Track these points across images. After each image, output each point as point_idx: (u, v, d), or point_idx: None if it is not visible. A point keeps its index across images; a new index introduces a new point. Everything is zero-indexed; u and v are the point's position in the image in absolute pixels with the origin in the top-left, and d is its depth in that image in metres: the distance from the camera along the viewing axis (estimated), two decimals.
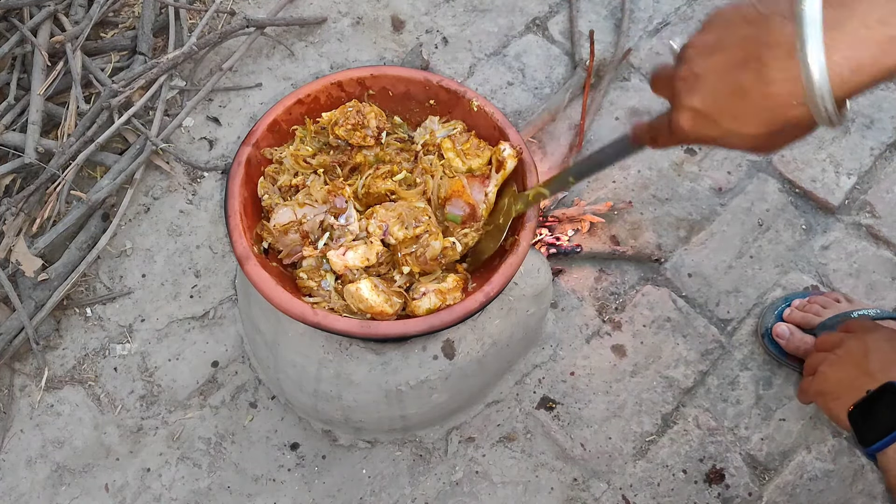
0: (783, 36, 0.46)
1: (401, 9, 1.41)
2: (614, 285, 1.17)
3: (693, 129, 0.53)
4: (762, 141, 0.51)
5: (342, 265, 0.79)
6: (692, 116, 0.53)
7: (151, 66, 1.21)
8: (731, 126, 0.50)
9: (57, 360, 1.10)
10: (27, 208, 1.12)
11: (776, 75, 0.46)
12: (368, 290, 0.78)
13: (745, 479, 1.04)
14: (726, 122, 0.50)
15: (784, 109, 0.47)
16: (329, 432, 1.05)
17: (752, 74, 0.48)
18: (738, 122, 0.50)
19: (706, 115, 0.51)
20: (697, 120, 0.52)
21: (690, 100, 0.52)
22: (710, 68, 0.50)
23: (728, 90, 0.49)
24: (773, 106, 0.48)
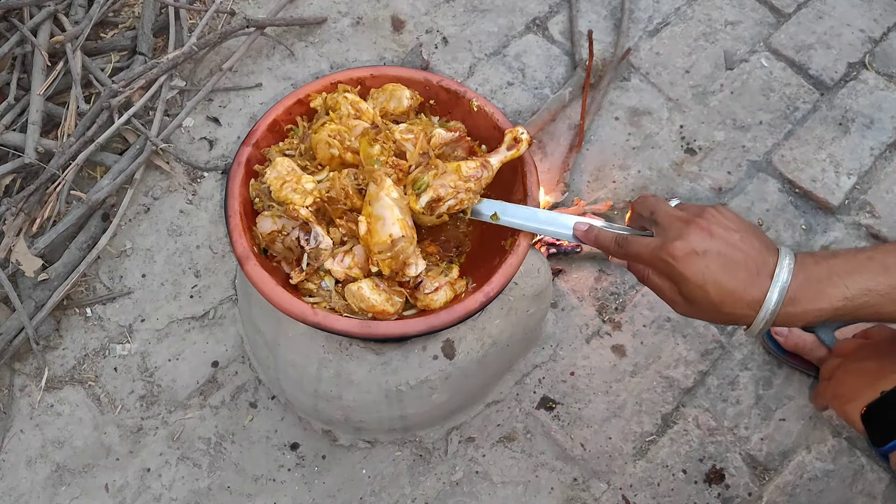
0: (772, 265, 0.63)
1: (401, 9, 1.41)
2: (614, 285, 1.17)
3: (683, 260, 0.64)
4: (703, 306, 0.64)
5: (343, 272, 0.80)
6: (690, 253, 0.64)
7: (151, 66, 1.21)
8: (706, 280, 0.63)
9: (57, 360, 1.10)
10: (27, 208, 1.12)
11: (757, 283, 0.62)
12: (370, 290, 0.78)
13: (745, 479, 1.04)
14: (708, 276, 0.63)
15: (744, 304, 0.62)
16: (329, 432, 1.05)
17: (747, 273, 0.63)
18: (712, 284, 0.63)
19: (701, 261, 0.63)
20: (692, 258, 0.63)
21: (699, 244, 0.64)
22: (724, 237, 0.64)
23: (727, 261, 0.63)
24: (743, 296, 0.62)
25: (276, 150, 0.87)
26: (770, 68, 1.36)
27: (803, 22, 1.41)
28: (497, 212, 0.81)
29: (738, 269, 0.63)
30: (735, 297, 0.62)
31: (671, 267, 0.64)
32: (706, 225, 0.65)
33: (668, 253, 0.65)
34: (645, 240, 0.68)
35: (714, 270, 0.63)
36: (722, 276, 0.63)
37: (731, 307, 0.63)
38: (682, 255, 0.64)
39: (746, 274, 0.63)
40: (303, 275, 0.81)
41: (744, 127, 1.31)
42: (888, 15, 1.42)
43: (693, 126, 1.31)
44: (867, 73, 1.36)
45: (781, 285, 0.62)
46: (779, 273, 0.62)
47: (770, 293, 0.62)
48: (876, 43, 1.39)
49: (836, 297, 0.61)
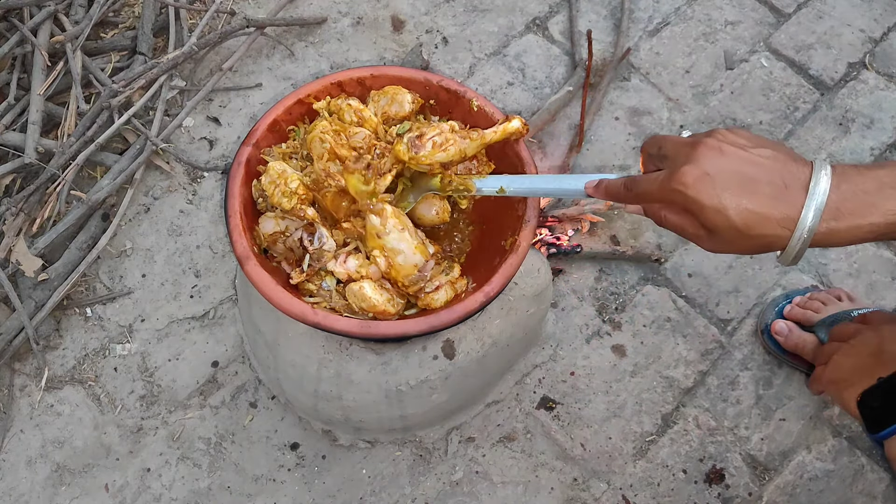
0: (803, 181, 0.55)
1: (401, 9, 1.41)
2: (614, 285, 1.17)
3: (694, 185, 0.57)
4: (727, 235, 0.57)
5: (345, 273, 0.80)
6: (701, 176, 0.57)
7: (151, 66, 1.21)
8: (723, 203, 0.56)
9: (57, 360, 1.10)
10: (27, 208, 1.12)
11: (787, 197, 0.55)
12: (371, 289, 0.78)
13: (745, 479, 1.04)
14: (725, 198, 0.56)
15: (774, 224, 0.55)
16: (329, 432, 1.05)
17: (772, 188, 0.55)
18: (731, 206, 0.56)
19: (714, 183, 0.56)
20: (704, 182, 0.57)
21: (709, 165, 0.57)
22: (737, 154, 0.57)
23: (744, 178, 0.56)
24: (771, 214, 0.55)
25: (279, 151, 0.88)
26: (770, 68, 1.36)
27: (803, 22, 1.41)
28: (503, 185, 0.78)
29: (760, 184, 0.56)
30: (761, 217, 0.55)
31: (684, 196, 0.58)
32: (716, 144, 0.58)
33: (677, 181, 0.58)
34: (653, 175, 0.62)
35: (731, 190, 0.56)
36: (742, 195, 0.55)
37: (760, 228, 0.55)
38: (693, 179, 0.57)
39: (772, 188, 0.55)
40: (303, 275, 0.81)
41: (744, 127, 1.31)
42: (888, 15, 1.42)
43: (693, 126, 1.31)
44: (867, 73, 1.36)
45: (820, 197, 0.54)
46: (815, 184, 0.54)
47: (806, 207, 0.54)
48: (876, 43, 1.39)
49: (889, 208, 0.54)
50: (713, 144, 0.58)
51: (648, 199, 0.63)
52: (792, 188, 0.55)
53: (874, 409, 0.72)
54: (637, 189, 0.64)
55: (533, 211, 0.83)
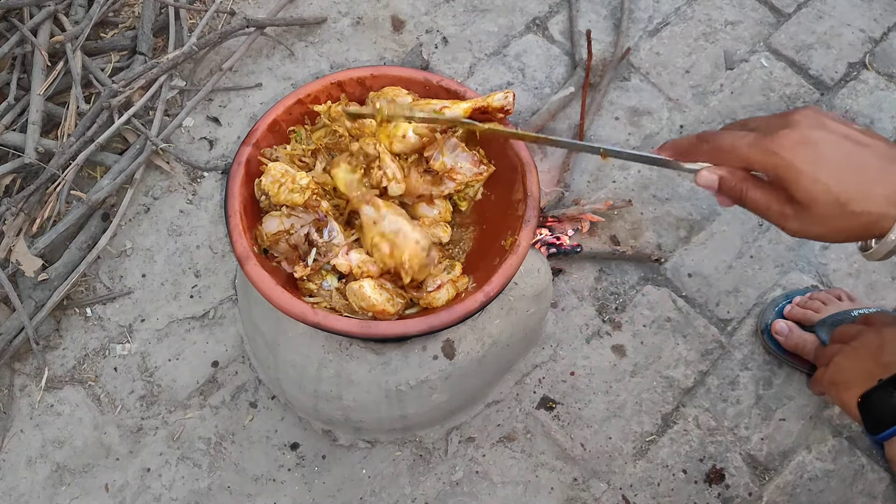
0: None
1: (401, 9, 1.41)
2: (614, 285, 1.17)
3: (790, 149, 0.52)
4: (828, 207, 0.51)
5: (347, 265, 0.79)
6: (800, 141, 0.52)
7: (151, 66, 1.21)
8: (825, 172, 0.51)
9: (57, 360, 1.10)
10: (27, 208, 1.12)
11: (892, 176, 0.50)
12: (371, 289, 0.78)
13: (745, 479, 1.04)
14: (826, 167, 0.51)
15: (878, 196, 0.50)
16: (329, 432, 1.05)
17: (878, 159, 0.50)
18: (833, 176, 0.50)
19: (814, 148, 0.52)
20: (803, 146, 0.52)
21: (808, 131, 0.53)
22: (838, 127, 0.52)
23: (848, 149, 0.51)
24: (873, 184, 0.50)
25: (285, 153, 0.88)
26: (770, 68, 1.36)
27: (803, 22, 1.41)
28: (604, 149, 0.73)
29: (866, 156, 0.50)
30: (867, 191, 0.50)
31: (778, 159, 0.52)
32: (815, 115, 0.53)
33: (773, 142, 0.52)
34: (741, 132, 0.56)
35: (835, 159, 0.50)
36: (846, 166, 0.50)
37: (864, 204, 0.50)
38: (792, 143, 0.52)
39: (879, 162, 0.50)
40: (308, 269, 0.81)
41: None
42: (888, 15, 1.42)
43: (693, 126, 1.31)
44: (867, 73, 1.36)
45: None
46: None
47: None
48: (876, 43, 1.39)
49: None
50: (812, 116, 0.53)
51: (729, 159, 0.57)
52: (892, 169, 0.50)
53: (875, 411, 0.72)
54: (717, 142, 0.57)
55: (533, 211, 0.83)
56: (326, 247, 0.80)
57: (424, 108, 0.84)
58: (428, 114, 0.80)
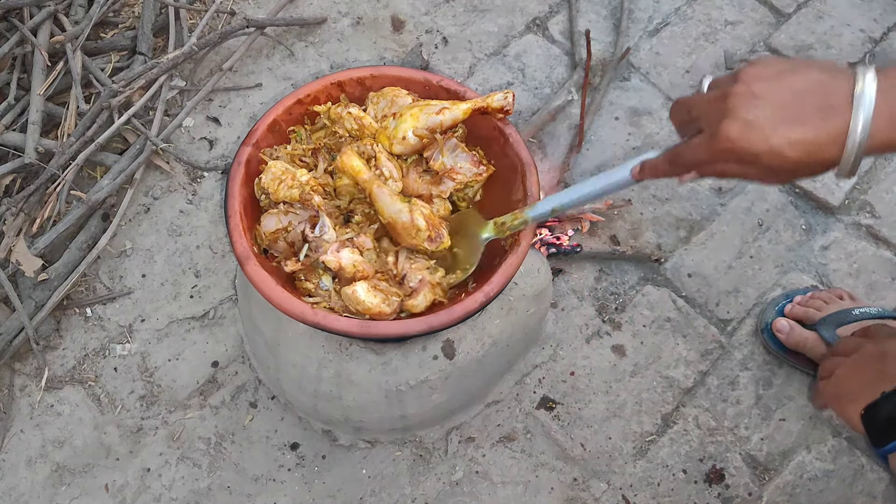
0: (846, 92, 0.55)
1: (401, 9, 1.41)
2: (614, 285, 1.17)
3: (741, 138, 0.56)
4: (789, 169, 0.57)
5: (337, 263, 0.79)
6: (744, 127, 0.56)
7: (151, 66, 1.21)
8: (777, 143, 0.56)
9: (57, 360, 1.10)
10: (27, 208, 1.12)
11: (834, 119, 0.54)
12: (364, 293, 0.78)
13: (745, 479, 1.04)
14: (775, 139, 0.56)
15: (826, 147, 0.55)
16: (329, 432, 1.05)
17: (817, 110, 0.55)
18: (785, 144, 0.55)
19: (759, 128, 0.56)
20: (749, 131, 0.56)
21: (747, 112, 0.56)
22: (773, 91, 0.56)
23: (788, 112, 0.56)
24: (821, 140, 0.55)
25: (286, 152, 0.88)
26: None
27: (803, 22, 1.41)
28: (554, 206, 0.77)
29: (805, 111, 0.55)
30: (816, 144, 0.55)
31: (732, 150, 0.57)
32: (745, 89, 0.57)
33: (722, 140, 0.57)
34: (694, 141, 0.61)
35: (778, 129, 0.56)
36: (791, 130, 0.55)
37: (819, 154, 0.55)
38: (736, 133, 0.57)
39: (818, 111, 0.55)
40: (299, 265, 0.80)
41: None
42: (888, 15, 1.42)
43: None
44: None
45: (867, 108, 0.53)
46: (860, 94, 0.54)
47: (853, 121, 0.54)
48: (876, 43, 1.39)
49: None
50: (742, 91, 0.57)
51: (700, 165, 0.62)
52: (838, 105, 0.54)
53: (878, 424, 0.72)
54: (683, 160, 0.63)
55: None
56: (317, 242, 0.79)
57: (424, 108, 0.84)
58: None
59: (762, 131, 0.56)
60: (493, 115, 0.86)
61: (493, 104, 0.84)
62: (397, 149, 0.85)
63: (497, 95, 0.84)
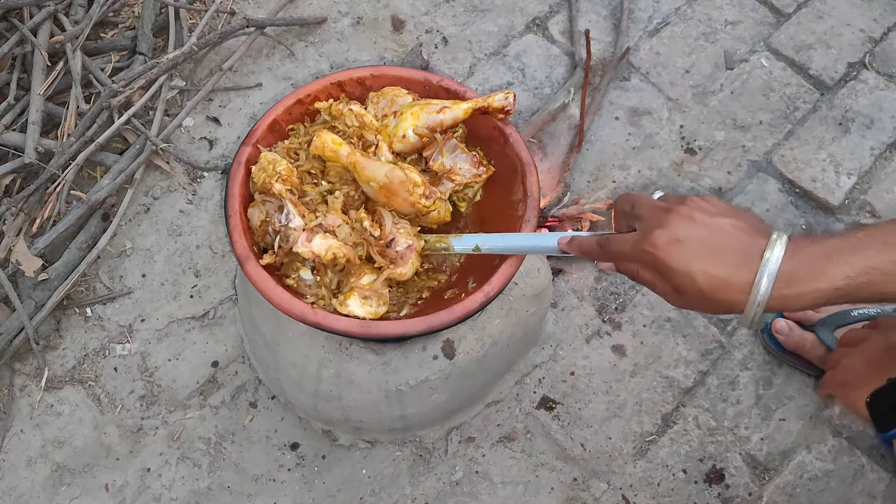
0: (763, 246, 0.59)
1: (401, 9, 1.41)
2: (614, 285, 1.17)
3: (665, 249, 0.61)
4: (692, 296, 0.61)
5: (310, 252, 0.76)
6: (672, 241, 0.61)
7: (151, 66, 1.21)
8: (691, 269, 0.60)
9: (57, 360, 1.10)
10: (27, 208, 1.12)
11: (746, 265, 0.59)
12: (359, 307, 0.78)
13: (745, 479, 1.04)
14: (692, 264, 0.60)
15: (734, 290, 0.59)
16: (329, 432, 1.05)
17: (734, 254, 0.60)
18: (698, 271, 0.60)
19: (683, 248, 0.61)
20: (674, 247, 0.61)
21: (679, 230, 0.61)
22: (707, 222, 0.62)
23: (711, 246, 0.60)
24: (732, 280, 0.59)
25: (283, 146, 0.87)
26: (770, 68, 1.36)
27: (803, 22, 1.41)
28: (478, 244, 0.79)
29: (725, 252, 0.60)
30: (724, 283, 0.59)
31: (654, 257, 0.61)
32: (688, 212, 0.62)
33: (649, 244, 0.62)
34: (626, 236, 0.66)
35: (699, 256, 0.60)
36: (708, 262, 0.60)
37: (722, 293, 0.59)
38: (664, 243, 0.61)
39: (734, 256, 0.59)
40: (274, 257, 0.79)
41: (744, 127, 1.31)
42: (888, 15, 1.42)
43: (693, 126, 1.31)
44: (867, 72, 1.36)
45: (772, 265, 0.58)
46: (770, 253, 0.59)
47: (760, 274, 0.58)
48: (876, 43, 1.39)
49: (836, 275, 0.58)
50: (685, 212, 0.62)
51: (620, 259, 0.66)
52: (751, 257, 0.59)
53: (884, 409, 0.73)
54: (610, 248, 0.67)
55: (533, 211, 0.83)
56: (285, 231, 0.78)
57: (425, 107, 0.84)
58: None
59: (684, 252, 0.60)
60: (493, 116, 0.86)
61: (495, 104, 0.84)
62: (398, 147, 0.84)
63: (498, 95, 0.84)
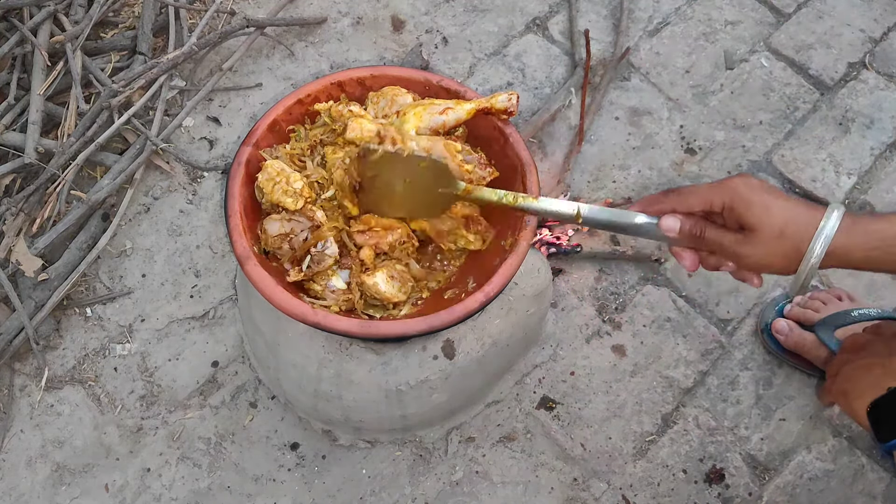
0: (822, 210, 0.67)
1: (401, 9, 1.41)
2: (614, 285, 1.17)
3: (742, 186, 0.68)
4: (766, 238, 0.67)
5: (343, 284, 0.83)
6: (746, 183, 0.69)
7: (151, 66, 1.21)
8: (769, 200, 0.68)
9: (57, 360, 1.10)
10: (27, 208, 1.12)
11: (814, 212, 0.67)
12: (385, 283, 0.80)
13: (745, 479, 1.04)
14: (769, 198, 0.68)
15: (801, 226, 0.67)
16: (329, 432, 1.05)
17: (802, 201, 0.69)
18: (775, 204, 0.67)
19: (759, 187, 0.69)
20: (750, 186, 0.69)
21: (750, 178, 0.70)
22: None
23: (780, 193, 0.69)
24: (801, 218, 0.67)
25: (285, 152, 0.87)
26: (770, 68, 1.36)
27: (803, 22, 1.41)
28: (581, 211, 0.77)
29: (793, 198, 0.68)
30: (796, 217, 0.66)
31: (734, 193, 0.68)
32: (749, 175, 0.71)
33: (727, 184, 0.69)
34: (695, 184, 0.74)
35: (774, 194, 0.68)
36: (782, 198, 0.68)
37: (794, 227, 0.66)
38: (742, 185, 0.68)
39: (801, 205, 0.68)
40: (301, 275, 0.81)
41: (744, 127, 1.31)
42: (888, 15, 1.42)
43: (693, 126, 1.31)
44: (867, 72, 1.36)
45: (834, 219, 0.66)
46: (831, 209, 0.67)
47: (826, 217, 0.66)
48: (876, 43, 1.39)
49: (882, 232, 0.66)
50: (747, 175, 0.71)
51: (692, 202, 0.71)
52: (816, 209, 0.68)
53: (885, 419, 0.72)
54: (680, 191, 0.72)
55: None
56: (319, 256, 0.81)
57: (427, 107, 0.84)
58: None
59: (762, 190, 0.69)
60: (496, 116, 0.86)
61: (497, 105, 0.84)
62: None
63: (501, 96, 0.84)
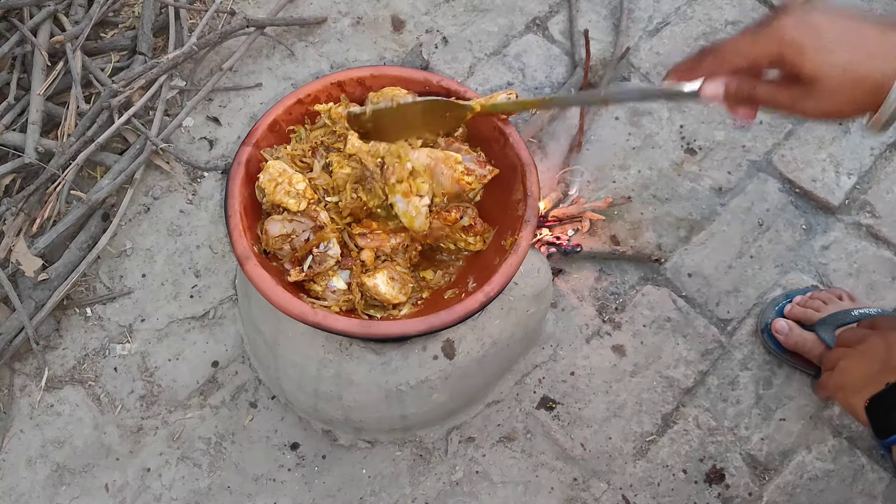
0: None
1: (401, 9, 1.41)
2: (614, 285, 1.17)
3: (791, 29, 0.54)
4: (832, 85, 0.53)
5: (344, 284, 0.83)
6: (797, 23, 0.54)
7: (151, 66, 1.21)
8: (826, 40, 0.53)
9: (57, 360, 1.10)
10: (27, 208, 1.12)
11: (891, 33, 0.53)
12: (385, 285, 0.81)
13: (745, 479, 1.04)
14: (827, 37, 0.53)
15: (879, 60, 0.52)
16: (329, 432, 1.05)
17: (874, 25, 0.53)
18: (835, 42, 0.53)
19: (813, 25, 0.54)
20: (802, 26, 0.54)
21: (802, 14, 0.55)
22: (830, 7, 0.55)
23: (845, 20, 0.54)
24: (875, 51, 0.52)
25: (286, 152, 0.88)
26: None
27: None
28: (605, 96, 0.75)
29: (864, 24, 0.53)
30: (868, 54, 0.52)
31: (781, 42, 0.54)
32: (802, 4, 0.56)
33: (773, 29, 0.55)
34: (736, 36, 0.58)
35: (833, 31, 0.53)
36: (844, 37, 0.53)
37: (866, 66, 0.52)
38: (791, 25, 0.54)
39: (874, 29, 0.53)
40: (302, 275, 0.81)
41: (743, 127, 1.31)
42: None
43: (693, 126, 1.31)
44: None
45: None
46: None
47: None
48: None
49: None
50: (800, 4, 0.56)
51: (734, 60, 0.58)
52: (886, 31, 0.53)
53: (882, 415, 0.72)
54: (717, 49, 0.58)
55: (533, 211, 0.83)
56: (321, 256, 0.81)
57: None
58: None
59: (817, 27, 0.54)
60: (496, 116, 0.86)
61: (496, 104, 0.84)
62: None
63: (501, 96, 0.84)
